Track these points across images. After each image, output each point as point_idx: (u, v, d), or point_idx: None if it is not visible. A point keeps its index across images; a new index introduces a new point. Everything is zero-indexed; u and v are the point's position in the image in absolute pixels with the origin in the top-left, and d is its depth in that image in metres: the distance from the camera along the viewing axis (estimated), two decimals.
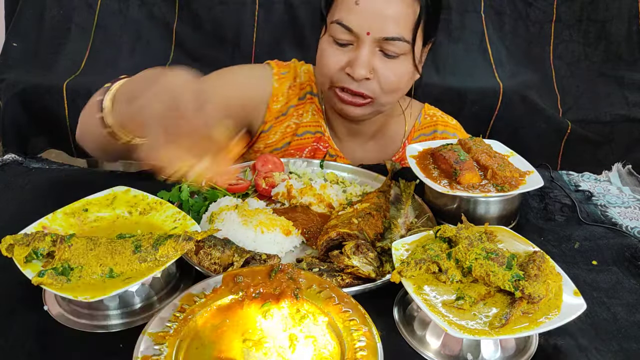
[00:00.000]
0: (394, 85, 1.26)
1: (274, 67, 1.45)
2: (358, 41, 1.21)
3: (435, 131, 1.50)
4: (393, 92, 1.29)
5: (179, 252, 0.77)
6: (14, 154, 1.27)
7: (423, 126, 1.51)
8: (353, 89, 1.24)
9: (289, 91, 1.44)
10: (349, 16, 1.19)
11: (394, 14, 1.18)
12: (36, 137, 1.99)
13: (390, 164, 1.24)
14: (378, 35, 1.19)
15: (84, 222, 0.88)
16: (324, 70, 1.27)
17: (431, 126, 1.51)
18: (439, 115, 1.54)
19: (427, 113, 1.53)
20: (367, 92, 1.25)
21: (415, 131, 1.50)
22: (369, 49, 1.20)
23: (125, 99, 0.97)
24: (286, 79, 1.44)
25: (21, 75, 1.92)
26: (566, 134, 2.06)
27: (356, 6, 1.18)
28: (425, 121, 1.51)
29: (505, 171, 1.05)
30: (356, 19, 1.19)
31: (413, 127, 1.51)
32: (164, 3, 2.09)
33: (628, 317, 0.86)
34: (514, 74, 2.13)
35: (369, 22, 1.18)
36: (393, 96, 1.30)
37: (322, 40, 1.28)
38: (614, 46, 2.15)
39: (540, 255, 0.81)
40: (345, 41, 1.22)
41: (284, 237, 0.99)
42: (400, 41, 1.20)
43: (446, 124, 1.52)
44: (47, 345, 0.74)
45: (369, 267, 0.86)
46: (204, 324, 0.72)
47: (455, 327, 0.69)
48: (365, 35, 1.19)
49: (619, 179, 1.34)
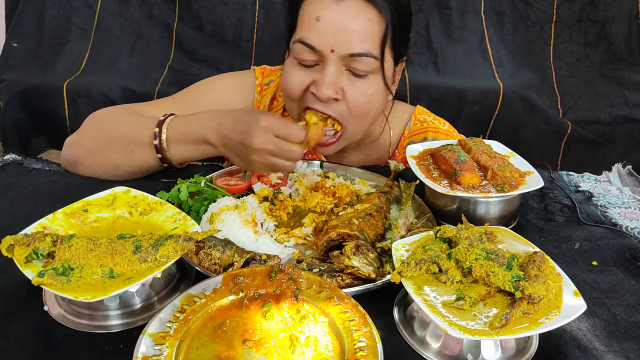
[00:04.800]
0: (364, 108, 1.18)
1: (258, 76, 1.40)
2: (323, 60, 1.13)
3: (425, 138, 1.40)
4: (363, 117, 1.20)
5: (179, 253, 0.77)
6: (14, 154, 1.27)
7: (413, 133, 1.43)
8: (320, 109, 1.15)
9: (272, 104, 1.39)
10: (310, 34, 1.11)
11: (359, 29, 1.10)
12: (36, 138, 1.99)
13: (393, 165, 1.24)
14: (343, 51, 1.10)
15: (84, 223, 0.88)
16: (288, 92, 1.19)
17: (421, 133, 1.42)
18: (430, 121, 1.44)
19: (417, 118, 1.44)
20: (335, 115, 1.15)
21: (405, 139, 1.42)
22: (335, 68, 1.12)
23: (184, 138, 1.15)
24: (269, 91, 1.38)
25: (21, 76, 1.92)
26: (566, 135, 2.06)
27: (317, 22, 1.10)
28: (415, 127, 1.43)
29: (505, 172, 1.05)
30: (318, 36, 1.10)
31: (403, 135, 1.43)
32: (164, 3, 2.09)
33: (628, 318, 0.86)
34: (514, 74, 2.13)
35: (333, 39, 1.10)
36: (363, 122, 1.22)
37: (287, 62, 1.21)
38: (614, 46, 2.15)
39: (541, 255, 0.81)
40: (310, 62, 1.14)
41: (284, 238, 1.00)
42: (367, 57, 1.11)
43: (437, 130, 1.42)
44: (47, 345, 0.74)
45: (369, 268, 0.86)
46: (204, 325, 0.72)
47: (456, 328, 0.69)
48: (329, 52, 1.11)
49: (619, 179, 1.34)
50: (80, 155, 1.21)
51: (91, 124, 1.25)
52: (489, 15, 2.15)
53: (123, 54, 2.08)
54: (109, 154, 1.19)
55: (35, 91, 1.89)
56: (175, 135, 1.15)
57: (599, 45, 2.16)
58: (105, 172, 1.20)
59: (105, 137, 1.21)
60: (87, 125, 1.25)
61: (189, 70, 2.05)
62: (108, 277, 0.74)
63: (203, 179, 1.13)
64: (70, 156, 1.23)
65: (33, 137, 1.99)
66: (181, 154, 1.17)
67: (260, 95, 1.38)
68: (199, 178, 1.13)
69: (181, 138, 1.14)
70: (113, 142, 1.20)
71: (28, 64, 1.99)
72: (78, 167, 1.22)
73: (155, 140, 1.14)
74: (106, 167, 1.19)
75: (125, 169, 1.19)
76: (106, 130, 1.22)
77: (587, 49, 2.18)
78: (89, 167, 1.21)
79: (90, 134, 1.23)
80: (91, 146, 1.21)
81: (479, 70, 2.11)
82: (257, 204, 1.08)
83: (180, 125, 1.15)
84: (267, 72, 1.42)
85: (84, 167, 1.21)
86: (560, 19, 2.17)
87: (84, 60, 2.04)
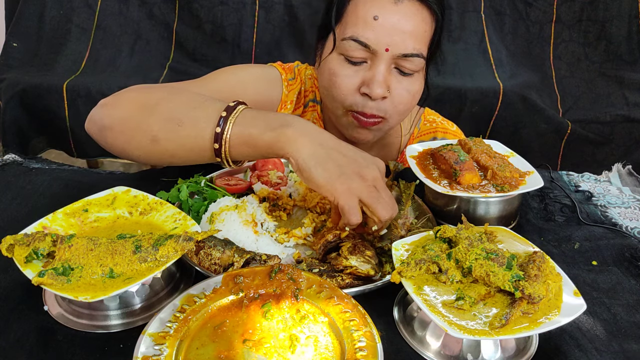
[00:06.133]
0: (408, 105, 1.21)
1: (281, 71, 1.39)
2: (374, 58, 1.14)
3: (435, 138, 1.46)
4: (404, 112, 1.23)
5: (179, 253, 0.77)
6: (14, 154, 1.27)
7: (422, 132, 1.47)
8: (367, 112, 1.17)
9: (298, 102, 1.39)
10: (365, 32, 1.12)
11: (413, 30, 1.13)
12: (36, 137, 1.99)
13: (393, 165, 1.24)
14: (397, 51, 1.12)
15: (84, 223, 0.88)
16: (337, 93, 1.19)
17: (430, 132, 1.47)
18: (439, 121, 1.50)
19: (427, 119, 1.49)
20: (379, 113, 1.18)
21: (415, 139, 1.47)
22: (386, 66, 1.14)
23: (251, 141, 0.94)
24: (294, 87, 1.39)
25: (21, 75, 1.93)
26: (566, 134, 2.06)
27: (374, 21, 1.11)
28: (424, 127, 1.48)
29: (505, 171, 1.05)
30: (374, 34, 1.11)
31: (412, 135, 1.47)
32: (164, 3, 2.09)
33: (628, 318, 0.86)
34: (514, 74, 2.13)
35: (389, 38, 1.11)
36: (403, 116, 1.25)
37: (330, 59, 1.19)
38: (614, 46, 2.15)
39: (540, 255, 0.81)
40: (360, 59, 1.15)
41: (284, 238, 0.99)
42: (418, 57, 1.14)
43: (446, 130, 1.48)
44: (47, 345, 0.74)
45: (367, 266, 0.86)
46: (204, 325, 0.72)
47: (455, 328, 0.69)
48: (383, 51, 1.12)
49: (619, 179, 1.34)
50: (114, 119, 1.02)
51: (135, 88, 1.07)
52: (489, 15, 2.16)
53: (123, 54, 2.08)
54: (150, 122, 0.98)
55: (35, 91, 1.89)
56: (242, 134, 0.94)
57: (599, 45, 2.17)
58: (138, 146, 1.00)
59: (154, 101, 1.01)
60: (130, 89, 1.07)
61: (188, 70, 2.05)
62: (108, 277, 0.74)
63: (203, 179, 1.13)
64: (99, 118, 1.04)
65: (33, 137, 1.99)
66: (241, 153, 0.97)
67: (287, 90, 1.37)
68: (199, 178, 1.13)
69: (247, 141, 0.94)
70: (160, 107, 1.00)
71: (28, 64, 1.99)
72: (107, 134, 1.03)
73: (218, 128, 0.94)
74: (142, 138, 0.99)
75: (163, 145, 0.98)
76: (157, 95, 1.03)
77: (587, 49, 2.18)
78: (120, 135, 1.01)
79: (134, 96, 1.04)
80: (131, 109, 1.01)
81: (479, 69, 2.11)
82: (257, 204, 1.08)
83: (250, 126, 0.94)
84: (286, 68, 1.42)
85: (114, 135, 1.02)
86: (560, 19, 2.17)
87: (84, 60, 2.04)
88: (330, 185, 0.86)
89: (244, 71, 1.37)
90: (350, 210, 0.84)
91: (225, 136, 0.94)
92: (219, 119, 0.94)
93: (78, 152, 2.05)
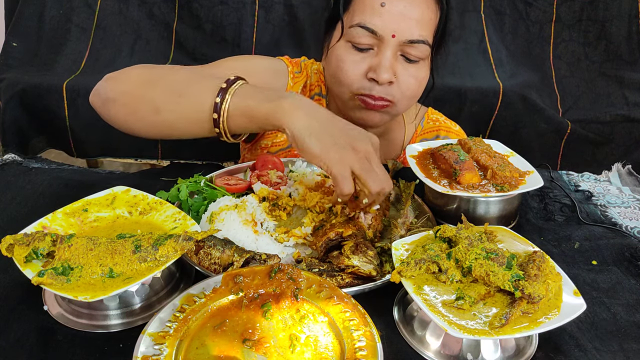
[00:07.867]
0: (415, 91, 1.24)
1: (288, 64, 1.40)
2: (380, 45, 1.18)
3: (438, 136, 1.49)
4: (412, 98, 1.26)
5: (179, 252, 0.77)
6: (14, 153, 1.27)
7: (425, 131, 1.49)
8: (374, 94, 1.21)
9: (302, 92, 1.40)
10: (373, 19, 1.16)
11: (419, 17, 1.16)
12: (36, 137, 1.99)
13: (392, 163, 1.24)
14: (403, 37, 1.16)
15: (84, 222, 0.88)
16: (344, 78, 1.22)
17: (434, 131, 1.49)
18: (442, 120, 1.52)
19: (430, 117, 1.51)
20: (387, 97, 1.21)
21: (418, 136, 1.48)
22: (392, 52, 1.17)
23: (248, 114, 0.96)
24: (300, 80, 1.40)
25: (21, 75, 1.92)
26: (566, 134, 2.06)
27: (381, 8, 1.15)
28: (427, 126, 1.50)
29: (505, 171, 1.05)
30: (381, 21, 1.15)
31: (415, 132, 1.49)
32: (164, 3, 2.09)
33: (628, 317, 0.86)
34: (514, 74, 2.13)
35: (395, 25, 1.15)
36: (410, 102, 1.28)
37: (338, 46, 1.23)
38: (614, 46, 2.15)
39: (540, 255, 0.81)
40: (367, 45, 1.19)
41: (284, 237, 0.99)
42: (423, 44, 1.18)
43: (449, 130, 1.50)
44: (47, 345, 0.74)
45: (369, 266, 0.86)
46: (204, 324, 0.72)
47: (455, 327, 0.69)
48: (390, 37, 1.16)
49: (618, 179, 1.34)
50: (118, 92, 1.07)
51: (140, 65, 1.11)
52: (489, 15, 2.15)
53: (123, 54, 2.07)
54: (152, 94, 1.03)
55: (35, 91, 1.89)
56: (240, 105, 0.97)
57: (599, 45, 2.16)
58: (140, 118, 1.05)
59: (158, 76, 1.06)
60: (135, 67, 1.11)
61: None
62: (108, 277, 0.74)
63: (203, 179, 1.13)
64: (104, 91, 1.08)
65: (33, 137, 1.99)
66: (239, 125, 0.99)
67: (292, 82, 1.38)
68: (199, 177, 1.13)
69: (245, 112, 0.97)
70: (163, 81, 1.05)
71: (28, 64, 1.99)
72: (110, 107, 1.07)
73: (217, 98, 0.97)
74: (144, 110, 1.03)
75: (164, 116, 1.03)
76: (160, 72, 1.08)
77: (587, 49, 2.18)
78: (123, 107, 1.05)
79: (139, 72, 1.09)
80: (135, 83, 1.06)
81: (478, 69, 2.11)
82: (257, 203, 1.07)
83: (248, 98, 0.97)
84: (293, 62, 1.43)
85: (117, 107, 1.06)
86: (560, 19, 2.17)
87: (84, 59, 2.03)
88: (324, 155, 0.88)
89: (251, 61, 1.39)
90: (343, 179, 0.87)
91: (224, 106, 0.97)
92: (219, 91, 0.97)
93: (78, 152, 2.04)
